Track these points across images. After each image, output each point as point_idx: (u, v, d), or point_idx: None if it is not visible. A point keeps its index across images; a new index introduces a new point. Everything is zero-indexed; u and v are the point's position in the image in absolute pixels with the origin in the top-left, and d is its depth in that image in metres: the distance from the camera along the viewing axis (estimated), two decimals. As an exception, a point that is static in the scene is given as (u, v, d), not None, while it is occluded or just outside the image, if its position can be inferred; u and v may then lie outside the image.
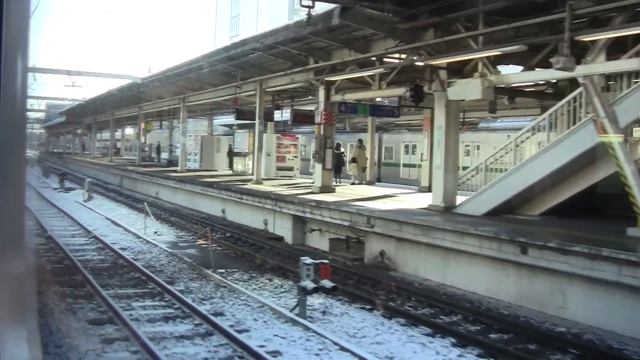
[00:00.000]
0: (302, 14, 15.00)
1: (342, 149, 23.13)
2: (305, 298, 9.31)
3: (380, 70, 15.81)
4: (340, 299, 10.49)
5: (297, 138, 25.53)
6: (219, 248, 15.45)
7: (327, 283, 9.12)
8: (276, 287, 11.24)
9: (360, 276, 12.61)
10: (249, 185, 21.06)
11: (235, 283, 11.43)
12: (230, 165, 31.45)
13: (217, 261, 13.17)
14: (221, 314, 9.39)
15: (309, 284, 8.99)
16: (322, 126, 18.70)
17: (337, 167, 22.80)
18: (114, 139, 43.74)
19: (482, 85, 13.06)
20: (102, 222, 19.43)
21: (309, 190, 19.05)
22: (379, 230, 14.11)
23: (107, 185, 34.39)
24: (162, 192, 27.59)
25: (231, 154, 31.75)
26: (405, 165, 28.55)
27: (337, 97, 18.64)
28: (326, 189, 18.70)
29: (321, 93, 18.71)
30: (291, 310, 9.50)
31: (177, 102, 29.23)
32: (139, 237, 16.45)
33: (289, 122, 29.57)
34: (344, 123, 35.09)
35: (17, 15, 1.34)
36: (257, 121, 21.86)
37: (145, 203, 18.09)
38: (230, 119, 41.48)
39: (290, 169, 24.96)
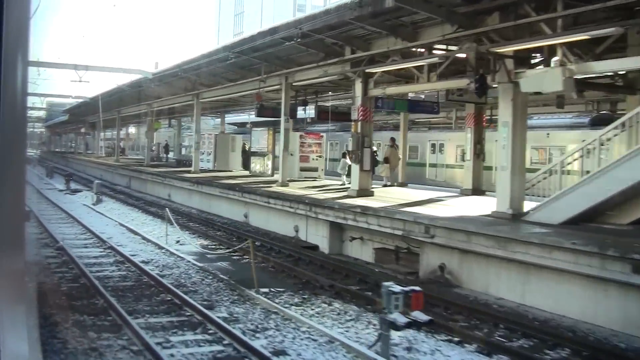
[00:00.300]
0: (308, 11, 13.74)
1: (375, 148, 21.18)
2: (388, 333, 7.39)
3: (434, 60, 13.86)
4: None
5: (322, 136, 23.58)
6: (256, 262, 13.50)
7: (420, 316, 7.19)
8: (339, 314, 9.29)
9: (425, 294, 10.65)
10: (275, 188, 19.11)
11: (287, 307, 9.50)
12: (246, 166, 29.48)
13: (243, 272, 11.23)
14: (283, 353, 7.45)
15: (399, 318, 7.05)
16: (359, 123, 16.77)
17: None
18: (120, 138, 41.67)
19: (563, 76, 11.14)
20: (116, 229, 17.45)
21: (344, 194, 17.12)
22: (440, 240, 12.18)
23: (115, 186, 32.36)
24: (175, 194, 25.62)
25: (246, 154, 29.78)
26: (432, 165, 26.62)
27: (375, 91, 16.69)
28: (364, 192, 16.77)
29: (358, 87, 16.78)
30: (370, 348, 7.58)
31: (189, 99, 27.26)
32: (160, 247, 14.49)
33: (309, 120, 27.79)
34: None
35: (18, 13, 1.33)
36: (282, 118, 19.90)
37: (167, 209, 16.10)
38: (242, 117, 39.54)
39: (315, 169, 23.01)
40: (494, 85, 13.05)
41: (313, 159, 23.00)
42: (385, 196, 16.90)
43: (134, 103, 34.84)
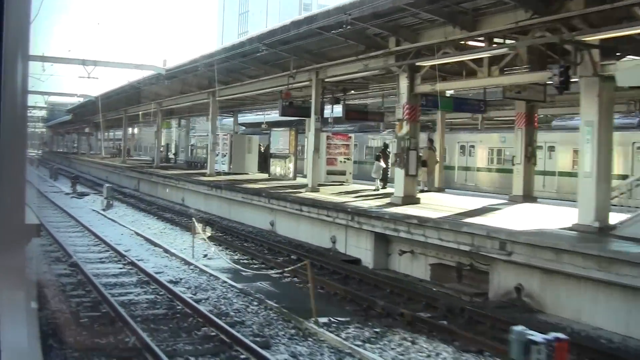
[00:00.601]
0: (314, 10, 12.38)
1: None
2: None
3: (503, 51, 12.04)
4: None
5: (350, 137, 21.72)
6: (301, 282, 11.66)
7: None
8: (428, 356, 7.43)
9: (501, 321, 8.82)
10: (306, 194, 17.27)
11: (360, 346, 7.64)
12: (262, 168, 27.61)
13: (305, 300, 9.42)
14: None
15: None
16: (404, 123, 14.94)
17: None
18: (127, 138, 39.72)
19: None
20: (132, 239, 15.55)
21: (386, 201, 15.29)
22: (519, 258, 10.33)
23: (122, 189, 30.43)
24: (189, 198, 23.74)
25: (264, 156, 27.91)
26: (462, 168, 24.82)
27: (423, 88, 14.87)
28: (410, 199, 14.92)
29: (403, 82, 14.94)
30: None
31: (204, 97, 25.37)
32: (186, 262, 12.62)
33: (329, 120, 25.98)
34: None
35: (18, 11, 1.32)
36: (312, 117, 18.05)
37: (194, 219, 14.20)
38: (249, 117, 37.73)
39: (342, 173, 21.16)
40: (575, 79, 11.27)
41: (341, 161, 21.15)
42: (432, 204, 15.06)
43: (142, 102, 32.93)
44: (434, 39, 13.83)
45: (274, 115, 36.47)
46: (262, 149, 28.95)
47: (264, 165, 27.97)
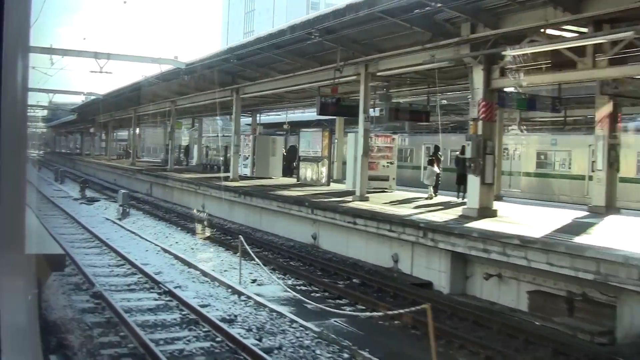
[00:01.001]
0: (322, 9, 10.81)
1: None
2: None
3: (628, 34, 9.74)
4: None
5: (394, 139, 19.37)
6: (374, 313, 9.31)
7: None
8: None
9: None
10: (355, 204, 14.94)
11: None
12: (287, 171, 25.28)
13: (404, 348, 7.10)
14: None
15: None
16: (479, 123, 12.65)
17: (462, 178, 16.76)
18: (136, 139, 37.17)
19: None
20: (160, 257, 13.15)
21: (458, 213, 13.00)
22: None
23: (133, 193, 27.91)
24: (211, 205, 21.36)
25: (288, 159, 25.58)
26: (505, 173, 22.48)
27: (503, 82, 12.59)
28: (486, 212, 12.63)
29: (478, 76, 12.64)
30: None
31: (227, 95, 23.00)
32: (235, 290, 10.23)
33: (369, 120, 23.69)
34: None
35: (18, 8, 1.30)
36: (361, 116, 15.72)
37: (241, 237, 11.74)
38: (268, 117, 35.28)
39: (385, 178, 18.82)
40: None
41: (383, 165, 18.79)
42: (510, 217, 12.78)
43: (154, 100, 30.52)
44: (522, 23, 11.56)
45: (298, 114, 34.21)
46: (284, 151, 26.63)
47: (289, 169, 25.67)
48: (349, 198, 16.13)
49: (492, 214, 12.74)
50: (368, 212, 13.38)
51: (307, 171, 21.38)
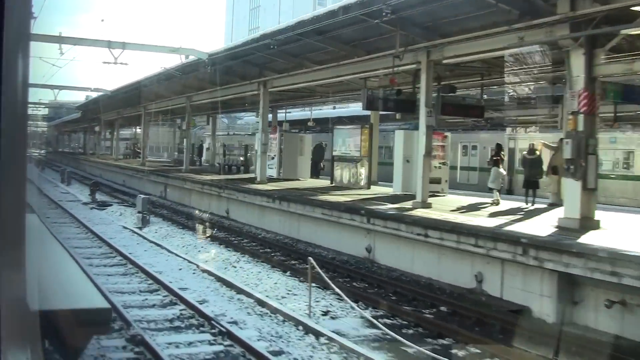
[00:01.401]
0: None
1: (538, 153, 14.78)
2: None
3: None
4: None
5: (447, 137, 17.12)
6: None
7: None
8: None
9: None
10: (420, 212, 12.67)
11: None
12: (313, 172, 23.02)
13: None
14: None
15: None
16: (579, 117, 10.41)
17: (532, 181, 14.53)
18: (146, 137, 34.71)
19: None
20: (200, 279, 10.75)
21: (551, 223, 10.75)
22: None
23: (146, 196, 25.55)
24: (237, 211, 19.08)
25: (316, 158, 23.32)
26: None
27: (610, 69, 10.39)
28: (588, 222, 10.41)
29: (578, 62, 10.38)
30: None
31: (252, 89, 20.70)
32: (309, 329, 7.93)
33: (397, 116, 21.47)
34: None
35: (19, 6, 1.29)
36: (422, 111, 13.43)
37: (311, 260, 9.33)
38: (299, 113, 32.96)
39: (437, 181, 16.56)
40: None
41: (435, 166, 16.55)
42: (619, 229, 10.57)
43: (166, 96, 28.20)
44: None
45: (326, 110, 31.98)
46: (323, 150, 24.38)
47: (316, 169, 23.42)
48: (407, 204, 13.88)
49: (594, 225, 10.48)
50: (449, 225, 11.10)
51: (343, 173, 19.10)
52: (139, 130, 42.19)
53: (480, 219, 11.86)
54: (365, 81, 16.46)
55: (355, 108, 30.89)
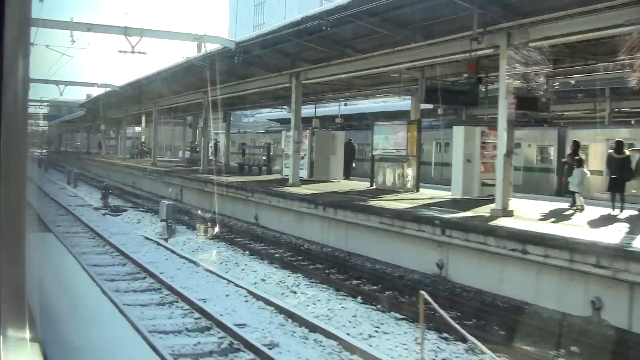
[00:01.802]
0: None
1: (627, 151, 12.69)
2: None
3: None
4: None
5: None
6: None
7: None
8: None
9: None
10: (506, 222, 10.56)
11: None
12: (346, 173, 20.89)
13: None
14: None
15: None
16: None
17: (619, 183, 12.44)
18: (157, 136, 32.35)
19: None
20: (258, 310, 8.48)
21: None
22: None
23: (160, 199, 23.37)
24: (268, 217, 16.95)
25: (347, 157, 21.17)
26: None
27: None
28: None
29: None
30: None
31: (283, 81, 18.55)
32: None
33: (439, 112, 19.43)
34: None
35: (19, 8, 1.26)
36: (502, 103, 11.32)
37: (424, 294, 7.19)
38: (323, 109, 30.68)
39: (501, 183, 14.51)
40: None
41: (499, 167, 14.47)
42: None
43: (180, 91, 26.02)
44: None
45: (358, 106, 29.83)
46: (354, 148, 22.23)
47: (347, 170, 21.27)
48: (479, 211, 11.81)
49: None
50: (561, 240, 8.98)
51: (387, 174, 16.97)
52: (146, 129, 39.90)
53: (583, 230, 9.78)
54: (423, 70, 14.35)
55: (392, 102, 28.78)
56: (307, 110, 38.48)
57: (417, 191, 16.17)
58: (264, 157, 24.02)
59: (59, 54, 19.22)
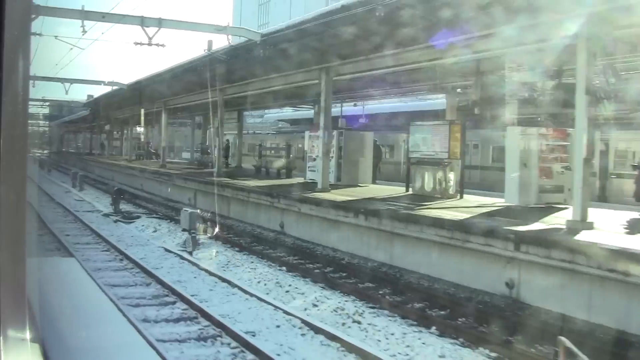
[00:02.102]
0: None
1: None
2: None
3: None
4: None
5: (569, 134, 13.53)
6: None
7: None
8: None
9: None
10: (591, 237, 9.06)
11: None
12: (370, 174, 19.32)
13: None
14: None
15: None
16: None
17: None
18: (167, 136, 30.64)
19: None
20: (320, 349, 6.85)
21: None
22: None
23: (172, 204, 21.82)
24: (293, 224, 15.41)
25: (376, 159, 19.65)
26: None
27: None
28: None
29: None
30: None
31: (309, 78, 17.02)
32: None
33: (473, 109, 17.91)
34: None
35: (20, 6, 1.25)
36: (582, 100, 9.78)
37: (563, 340, 5.74)
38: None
39: (559, 189, 13.01)
40: None
41: (557, 172, 12.98)
42: None
43: (192, 90, 24.46)
44: None
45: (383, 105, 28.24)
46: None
47: (374, 173, 19.72)
48: (552, 221, 10.32)
49: None
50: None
51: (425, 178, 15.45)
52: (152, 129, 38.30)
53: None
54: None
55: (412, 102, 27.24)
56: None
57: (461, 197, 14.67)
58: (283, 160, 22.49)
59: (69, 46, 17.66)
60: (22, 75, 1.26)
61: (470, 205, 13.32)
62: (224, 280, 10.14)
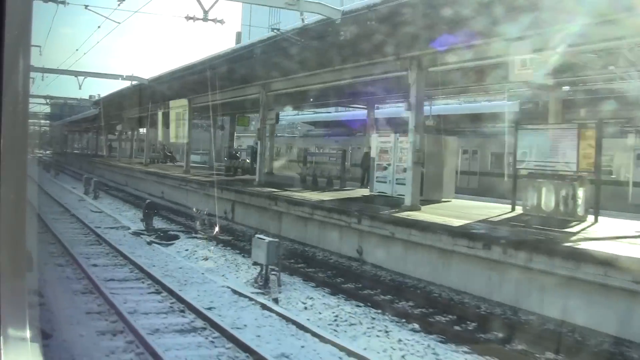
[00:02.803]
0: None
1: None
2: None
3: None
4: None
5: None
6: None
7: None
8: None
9: None
10: None
11: None
12: (453, 187, 15.95)
13: None
14: None
15: None
16: None
17: None
18: (190, 139, 26.79)
19: None
20: None
21: None
22: None
23: (204, 217, 18.27)
24: (376, 250, 12.04)
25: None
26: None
27: None
28: None
29: None
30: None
31: (391, 69, 13.67)
32: None
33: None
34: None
35: (20, 6, 1.21)
36: None
37: None
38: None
39: None
40: None
41: None
42: None
43: (225, 86, 21.04)
44: None
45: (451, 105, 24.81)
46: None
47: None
48: None
49: None
50: None
51: (543, 195, 12.08)
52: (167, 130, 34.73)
53: None
54: None
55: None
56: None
57: (596, 221, 11.35)
58: (337, 167, 19.09)
59: (102, 17, 14.25)
60: (22, 74, 1.23)
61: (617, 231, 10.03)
62: (350, 353, 6.70)
